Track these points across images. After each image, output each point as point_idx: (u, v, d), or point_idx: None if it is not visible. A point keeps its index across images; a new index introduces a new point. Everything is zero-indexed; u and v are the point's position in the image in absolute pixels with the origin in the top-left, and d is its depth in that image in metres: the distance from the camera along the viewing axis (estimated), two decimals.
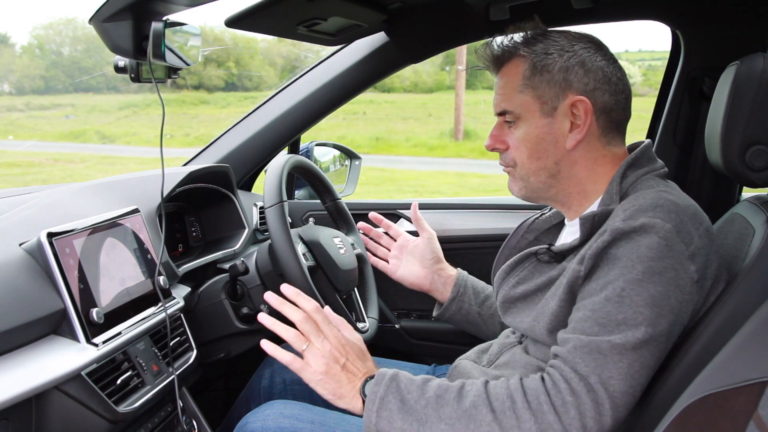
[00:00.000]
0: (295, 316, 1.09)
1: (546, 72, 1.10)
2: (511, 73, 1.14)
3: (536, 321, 1.09)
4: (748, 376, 0.69)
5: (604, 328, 0.94)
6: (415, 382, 1.03)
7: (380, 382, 1.03)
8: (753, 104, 1.09)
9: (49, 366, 0.99)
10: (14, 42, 25.95)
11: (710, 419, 0.71)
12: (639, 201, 1.01)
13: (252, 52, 17.99)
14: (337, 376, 1.06)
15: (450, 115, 14.09)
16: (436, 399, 0.99)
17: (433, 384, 1.02)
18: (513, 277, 1.16)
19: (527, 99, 1.12)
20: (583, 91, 1.10)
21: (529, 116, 1.12)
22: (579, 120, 1.10)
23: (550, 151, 1.12)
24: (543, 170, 1.13)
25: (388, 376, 1.04)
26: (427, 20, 1.78)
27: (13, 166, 10.98)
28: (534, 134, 1.12)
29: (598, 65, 1.10)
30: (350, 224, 1.82)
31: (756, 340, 0.76)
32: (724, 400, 0.70)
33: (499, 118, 1.17)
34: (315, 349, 1.07)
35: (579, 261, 1.02)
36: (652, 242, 0.96)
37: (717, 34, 1.71)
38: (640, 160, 1.11)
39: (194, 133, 13.88)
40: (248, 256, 1.60)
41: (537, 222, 1.30)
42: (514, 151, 1.15)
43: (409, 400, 1.00)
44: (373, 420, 1.01)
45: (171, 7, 1.13)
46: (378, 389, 1.02)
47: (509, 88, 1.13)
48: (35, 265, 1.07)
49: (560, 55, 1.10)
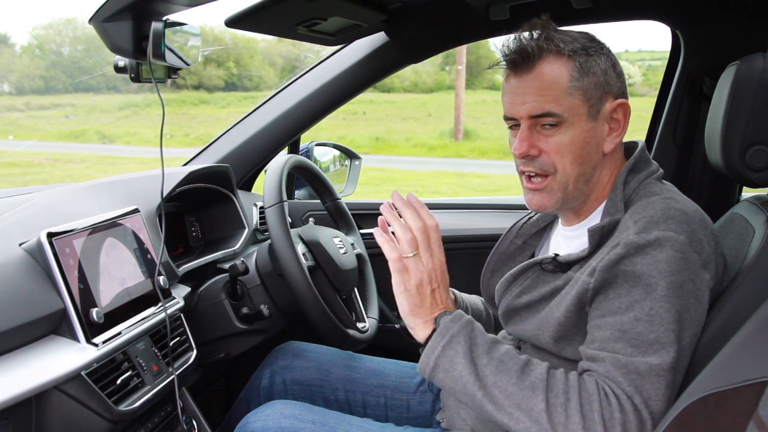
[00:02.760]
0: (414, 224, 1.06)
1: (592, 74, 1.05)
2: (554, 72, 1.05)
3: (540, 330, 1.08)
4: (748, 376, 0.69)
5: (638, 349, 0.94)
6: (486, 337, 1.02)
7: (457, 320, 1.03)
8: (753, 104, 1.09)
9: (49, 366, 0.99)
10: (14, 42, 25.96)
11: (710, 419, 0.71)
12: (649, 211, 1.00)
13: (252, 52, 18.00)
14: (425, 295, 1.05)
15: (450, 115, 14.09)
16: (498, 364, 0.98)
17: (502, 347, 1.01)
18: (516, 287, 1.14)
19: (576, 102, 1.05)
20: (619, 93, 1.08)
21: (577, 120, 1.05)
22: (617, 123, 1.08)
23: (593, 156, 1.08)
24: (582, 176, 1.08)
25: (466, 319, 1.03)
26: (427, 20, 1.78)
27: (13, 166, 10.98)
28: (580, 138, 1.06)
29: (621, 67, 1.10)
30: (350, 224, 1.82)
31: (756, 340, 0.76)
32: (724, 400, 0.70)
33: (528, 122, 1.06)
34: (419, 261, 1.05)
35: (589, 273, 1.01)
36: (669, 257, 0.95)
37: (717, 34, 1.71)
38: (638, 164, 1.10)
39: (194, 133, 13.88)
40: (248, 256, 1.60)
41: (525, 226, 1.28)
42: (555, 156, 1.06)
43: (474, 351, 1.00)
44: (437, 353, 1.00)
45: (171, 7, 1.13)
46: (453, 326, 1.02)
47: (555, 89, 1.04)
48: (35, 265, 1.07)
49: (599, 56, 1.06)
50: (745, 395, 0.68)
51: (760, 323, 0.78)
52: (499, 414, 0.96)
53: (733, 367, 0.74)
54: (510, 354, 1.00)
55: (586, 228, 1.09)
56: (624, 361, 0.94)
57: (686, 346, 0.96)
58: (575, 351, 1.05)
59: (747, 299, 0.99)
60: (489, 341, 1.01)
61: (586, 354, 0.99)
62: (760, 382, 0.67)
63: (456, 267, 2.03)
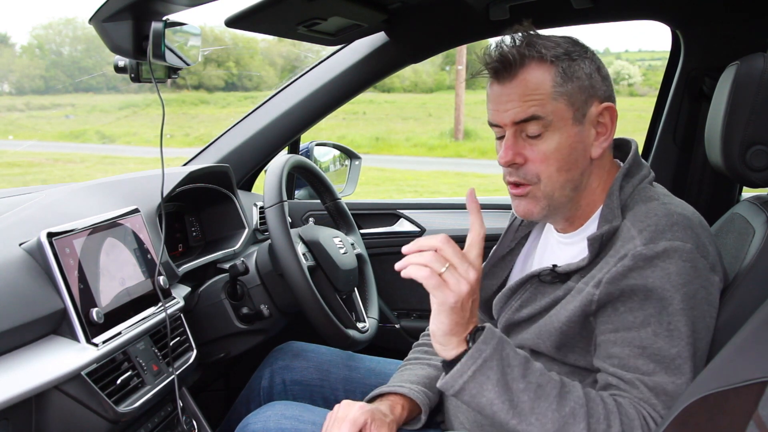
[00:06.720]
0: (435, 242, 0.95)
1: (576, 78, 1.04)
2: (536, 79, 1.03)
3: (540, 338, 1.07)
4: (748, 376, 0.69)
5: (659, 365, 0.95)
6: (518, 356, 0.97)
7: (489, 340, 0.95)
8: (753, 104, 1.09)
9: (49, 366, 0.99)
10: (14, 42, 25.99)
11: (710, 419, 0.71)
12: (652, 219, 0.99)
13: (252, 52, 18.00)
14: (464, 311, 0.95)
15: (450, 115, 14.09)
16: (536, 389, 0.94)
17: (535, 367, 0.97)
18: (515, 300, 1.13)
19: (561, 106, 1.03)
20: (605, 97, 1.07)
21: (562, 124, 1.04)
22: (604, 128, 1.07)
23: (580, 162, 1.06)
24: (569, 183, 1.06)
25: (497, 338, 0.96)
26: (427, 20, 1.78)
27: (13, 166, 10.98)
28: (567, 144, 1.04)
29: (606, 70, 1.09)
30: (350, 224, 1.82)
31: (756, 340, 0.76)
32: (724, 400, 0.70)
33: (512, 128, 1.05)
34: (458, 274, 0.94)
35: (594, 285, 1.00)
36: (679, 268, 0.95)
37: (717, 34, 1.71)
38: (632, 168, 1.09)
39: (194, 133, 13.88)
40: (248, 256, 1.60)
41: (521, 228, 1.27)
42: (540, 164, 1.04)
43: (509, 374, 0.94)
44: (465, 377, 0.94)
45: (171, 7, 1.13)
46: (485, 348, 0.95)
47: (539, 95, 1.03)
48: (35, 265, 1.07)
49: (582, 60, 1.05)
50: (745, 395, 0.68)
51: (760, 323, 0.78)
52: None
53: (733, 367, 0.74)
54: (545, 375, 0.96)
55: (582, 235, 1.09)
56: (651, 383, 0.95)
57: (702, 355, 0.97)
58: (578, 357, 1.05)
59: (747, 299, 0.99)
60: (522, 361, 0.96)
61: (608, 371, 0.99)
62: (760, 382, 0.67)
63: None
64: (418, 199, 2.57)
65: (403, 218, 2.06)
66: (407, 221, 2.05)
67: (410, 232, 2.05)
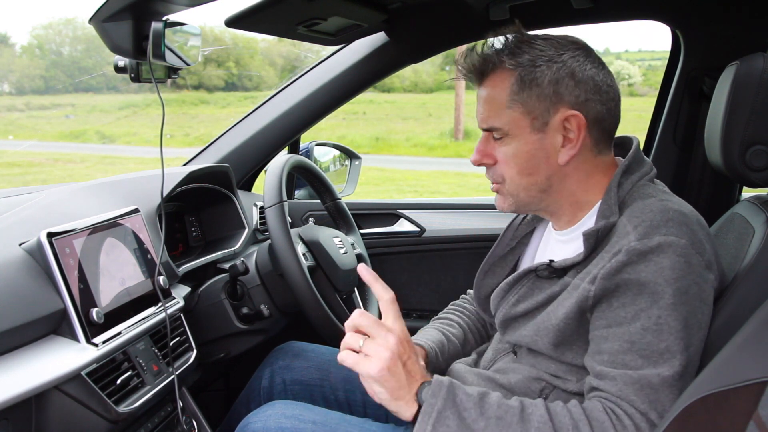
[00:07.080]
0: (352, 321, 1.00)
1: (535, 86, 1.03)
2: (496, 86, 1.06)
3: (538, 335, 1.07)
4: (748, 376, 0.69)
5: (648, 360, 0.94)
6: (472, 397, 0.98)
7: (437, 393, 0.97)
8: (753, 104, 1.09)
9: (49, 366, 0.99)
10: (14, 42, 25.98)
11: (710, 419, 0.71)
12: (648, 215, 0.99)
13: (252, 52, 17.99)
14: (399, 374, 0.97)
15: (450, 115, 14.09)
16: (496, 421, 0.95)
17: (491, 401, 0.97)
18: (512, 295, 1.13)
19: (516, 115, 1.05)
20: (575, 104, 1.05)
21: (519, 133, 1.06)
22: (572, 134, 1.05)
23: (542, 167, 1.07)
24: (534, 186, 1.08)
25: (445, 388, 0.98)
26: (427, 20, 1.78)
27: (13, 166, 10.98)
28: (524, 151, 1.06)
29: (589, 74, 1.05)
30: (350, 224, 1.82)
31: (756, 340, 0.76)
32: (724, 400, 0.70)
33: (483, 132, 1.10)
34: (375, 344, 0.97)
35: (590, 281, 1.00)
36: (673, 262, 0.95)
37: (717, 34, 1.71)
38: (631, 165, 1.09)
39: (194, 133, 13.88)
40: (248, 256, 1.61)
41: (521, 227, 1.27)
42: (503, 166, 1.09)
43: (467, 418, 0.95)
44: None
45: (171, 7, 1.13)
46: (435, 401, 0.96)
47: (496, 104, 1.06)
48: (35, 265, 1.07)
49: (548, 67, 1.03)
50: (745, 395, 0.68)
51: (760, 323, 0.78)
52: None
53: (733, 367, 0.74)
54: (503, 406, 0.97)
55: (579, 232, 1.09)
56: (636, 376, 0.94)
57: (695, 352, 0.96)
58: (576, 355, 1.05)
59: (747, 299, 0.99)
60: (476, 400, 0.97)
61: (595, 370, 0.98)
62: (760, 382, 0.67)
63: (456, 267, 2.03)
64: (418, 199, 2.58)
65: (403, 218, 2.06)
66: (407, 221, 2.05)
67: (410, 232, 2.05)
